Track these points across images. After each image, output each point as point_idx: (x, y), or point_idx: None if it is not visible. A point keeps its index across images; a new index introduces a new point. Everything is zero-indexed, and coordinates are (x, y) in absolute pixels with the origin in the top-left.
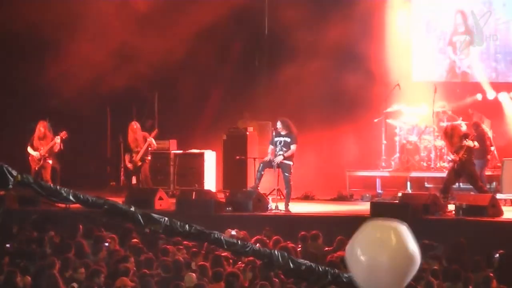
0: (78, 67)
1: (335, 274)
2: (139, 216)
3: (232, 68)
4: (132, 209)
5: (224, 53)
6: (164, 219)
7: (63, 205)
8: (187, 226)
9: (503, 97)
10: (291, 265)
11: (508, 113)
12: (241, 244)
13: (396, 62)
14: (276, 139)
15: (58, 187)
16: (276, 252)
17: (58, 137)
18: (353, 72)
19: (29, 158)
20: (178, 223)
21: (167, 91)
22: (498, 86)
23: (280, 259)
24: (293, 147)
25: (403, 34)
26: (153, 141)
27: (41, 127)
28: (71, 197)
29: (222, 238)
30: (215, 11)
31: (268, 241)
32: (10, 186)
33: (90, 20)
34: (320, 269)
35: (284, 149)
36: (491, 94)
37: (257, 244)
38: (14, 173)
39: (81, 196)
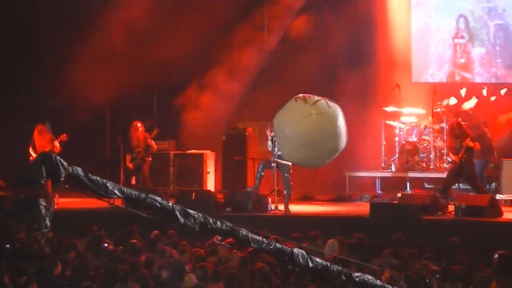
0: (77, 68)
1: (347, 274)
2: (177, 212)
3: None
4: (170, 204)
5: (223, 52)
6: (199, 215)
7: (107, 199)
8: (218, 223)
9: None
10: (310, 263)
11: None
12: (266, 242)
13: (396, 62)
14: (275, 138)
15: (104, 180)
16: (296, 250)
17: (56, 141)
18: (352, 73)
19: (30, 158)
20: (211, 219)
21: (166, 92)
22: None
23: (300, 258)
24: None
25: (404, 35)
26: (153, 142)
27: (39, 131)
28: (116, 191)
29: (249, 235)
30: (215, 11)
31: None
32: (62, 179)
33: (89, 22)
34: (335, 268)
35: None
36: None
37: None
38: (66, 165)
39: (125, 190)
